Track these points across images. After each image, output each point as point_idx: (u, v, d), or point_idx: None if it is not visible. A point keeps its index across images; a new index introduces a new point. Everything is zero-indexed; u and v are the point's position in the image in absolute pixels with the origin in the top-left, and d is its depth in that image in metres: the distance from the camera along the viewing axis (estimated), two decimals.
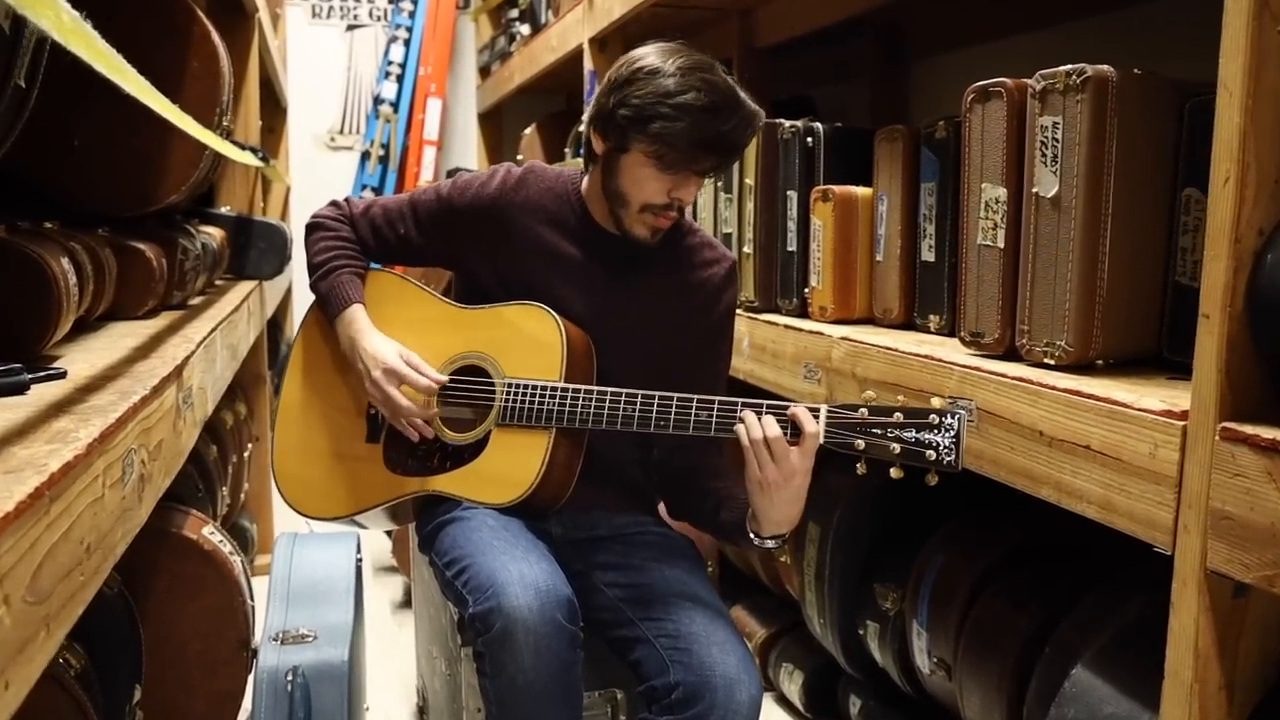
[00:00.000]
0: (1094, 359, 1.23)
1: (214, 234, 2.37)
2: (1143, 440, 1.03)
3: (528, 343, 1.39)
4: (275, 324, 4.30)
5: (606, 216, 1.43)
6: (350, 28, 5.13)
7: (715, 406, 1.26)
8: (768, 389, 1.90)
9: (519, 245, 1.46)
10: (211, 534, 1.54)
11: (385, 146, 4.91)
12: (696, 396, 1.28)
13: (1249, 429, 0.91)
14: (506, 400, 1.37)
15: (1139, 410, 1.03)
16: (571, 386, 1.35)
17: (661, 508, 1.60)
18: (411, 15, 4.95)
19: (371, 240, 1.55)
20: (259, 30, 2.80)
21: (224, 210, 2.68)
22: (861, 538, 1.84)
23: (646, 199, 1.36)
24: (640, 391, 1.31)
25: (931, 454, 1.19)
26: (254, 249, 2.67)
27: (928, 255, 1.61)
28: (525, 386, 1.37)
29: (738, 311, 2.02)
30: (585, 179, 1.47)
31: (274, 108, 4.93)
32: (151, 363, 1.32)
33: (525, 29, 4.18)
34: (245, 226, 2.65)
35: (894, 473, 1.21)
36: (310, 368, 1.53)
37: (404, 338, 1.47)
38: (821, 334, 1.69)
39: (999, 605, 1.50)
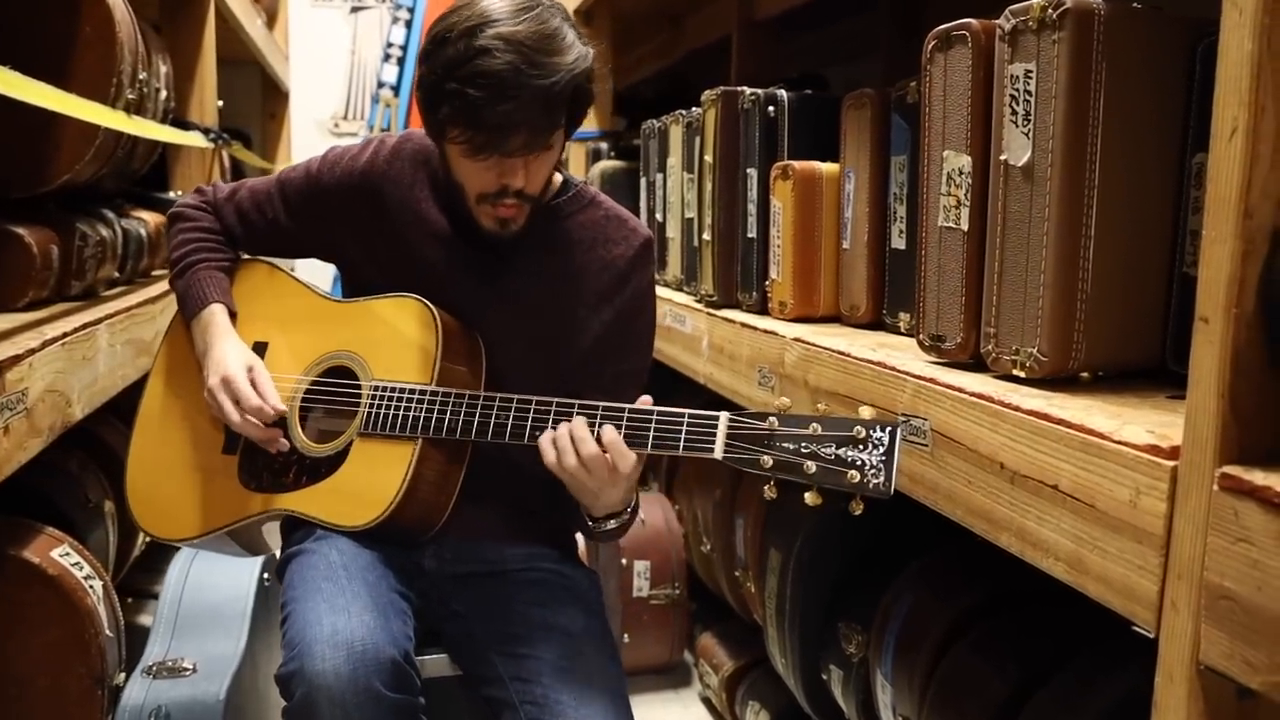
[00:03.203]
0: (1076, 371, 0.98)
1: (147, 219, 2.19)
2: (1122, 483, 0.78)
3: (400, 340, 1.19)
4: None
5: None
6: (354, 9, 4.96)
7: (599, 414, 1.04)
8: (725, 395, 1.67)
9: (394, 225, 1.25)
10: (63, 555, 1.35)
11: (385, 132, 4.74)
12: (578, 402, 1.06)
13: (1259, 477, 0.66)
14: (372, 406, 1.16)
15: (1118, 443, 0.78)
16: (441, 390, 1.13)
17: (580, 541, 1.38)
18: None
19: (238, 228, 1.35)
20: (215, 2, 2.63)
21: (171, 195, 2.51)
22: (827, 568, 1.60)
23: (476, 188, 1.16)
24: (517, 396, 1.09)
25: (855, 475, 0.96)
26: None
27: (898, 242, 1.36)
28: (392, 391, 1.16)
29: (697, 307, 1.80)
30: None
31: (275, 93, 4.79)
32: None
33: None
34: None
35: (809, 498, 0.98)
36: (172, 371, 1.34)
37: (271, 336, 1.27)
38: (775, 334, 1.45)
39: (970, 661, 1.25)
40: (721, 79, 2.94)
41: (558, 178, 1.30)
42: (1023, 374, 0.98)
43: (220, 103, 2.73)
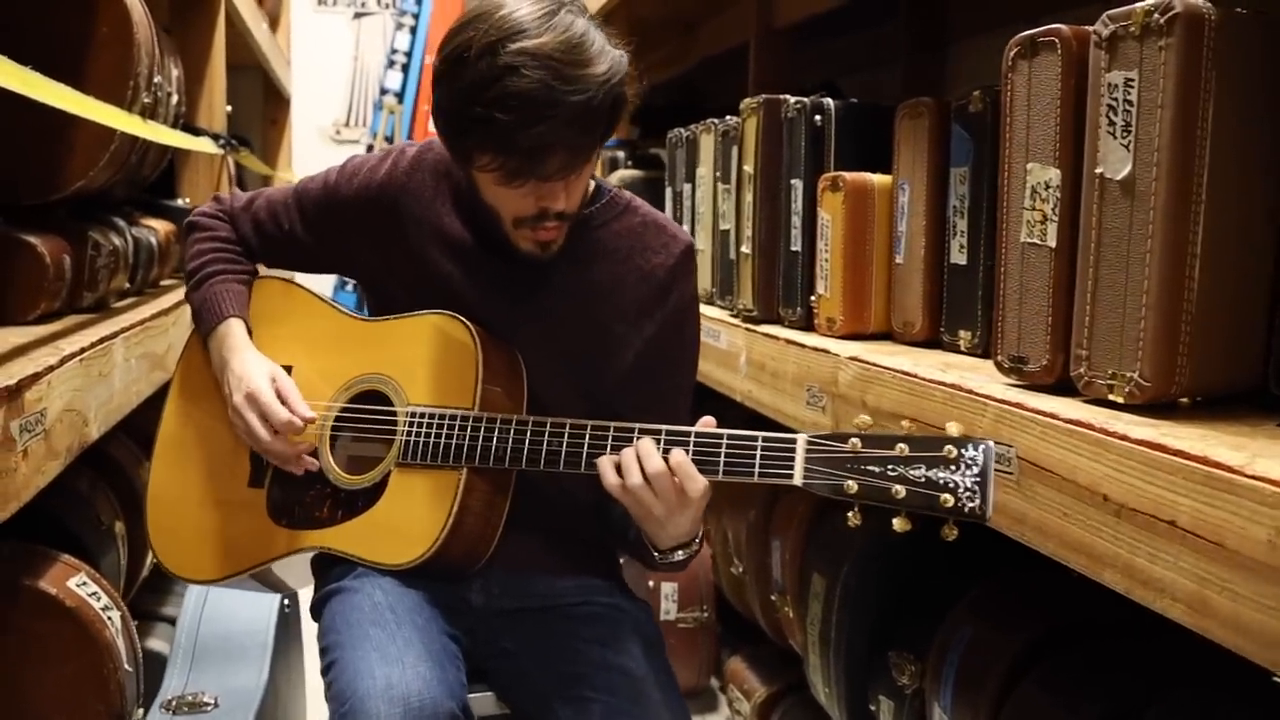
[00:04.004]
0: (1176, 396, 0.92)
1: (157, 228, 2.12)
2: (1258, 521, 0.72)
3: (438, 362, 1.12)
4: None
5: None
6: (357, 15, 4.91)
7: (663, 438, 0.98)
8: (767, 415, 1.61)
9: (414, 240, 1.18)
10: (80, 585, 1.28)
11: (389, 139, 4.68)
12: (639, 425, 1.00)
13: None
14: (409, 433, 1.10)
15: (1252, 478, 0.73)
16: (485, 415, 1.07)
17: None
18: (419, 1, 4.72)
19: (255, 239, 1.28)
20: (225, 4, 2.56)
21: (179, 202, 2.44)
22: (875, 596, 1.54)
23: (513, 213, 1.09)
24: (570, 421, 1.03)
25: (948, 498, 0.90)
26: None
27: (958, 257, 1.31)
28: (431, 416, 1.09)
29: (734, 323, 1.74)
30: None
31: (277, 99, 4.73)
32: None
33: None
34: None
35: (898, 524, 0.93)
36: (190, 396, 1.27)
37: (296, 358, 1.20)
38: (826, 352, 1.39)
39: (1043, 699, 1.19)
40: (735, 87, 2.89)
41: (590, 183, 1.24)
42: (1120, 399, 0.93)
43: (229, 108, 2.66)
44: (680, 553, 1.07)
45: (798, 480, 0.94)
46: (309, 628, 1.93)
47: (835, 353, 1.37)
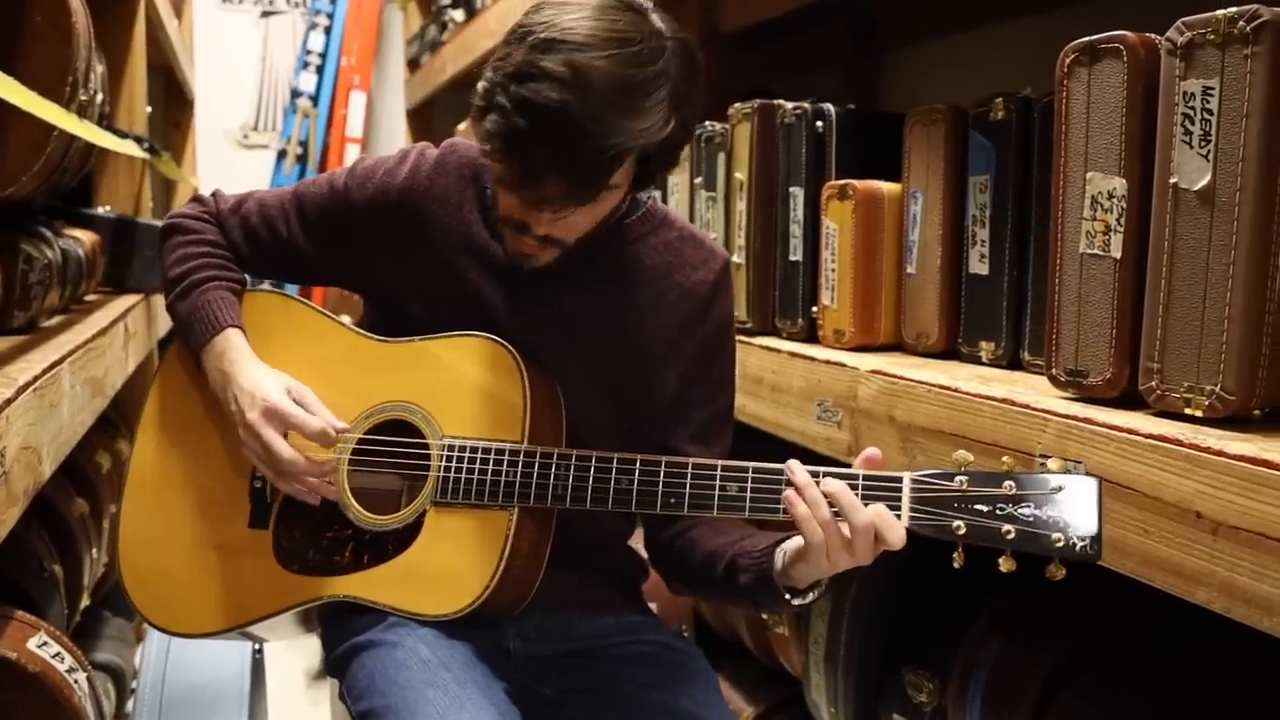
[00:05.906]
0: (1253, 408, 0.91)
1: (83, 239, 1.94)
2: None
3: (476, 390, 1.02)
4: None
5: None
6: (265, 14, 4.67)
7: (749, 477, 0.92)
8: (767, 430, 1.56)
9: (439, 251, 1.09)
10: (41, 646, 1.13)
11: (304, 144, 4.47)
12: (721, 464, 0.93)
13: None
14: (447, 469, 1.00)
15: None
16: (540, 450, 0.98)
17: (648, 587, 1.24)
18: (333, 1, 4.52)
19: (245, 246, 1.16)
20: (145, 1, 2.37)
21: (100, 210, 2.24)
22: (885, 614, 1.51)
23: (502, 209, 1.01)
24: (639, 457, 0.95)
25: (1058, 538, 0.87)
26: (138, 257, 2.24)
27: (979, 267, 1.29)
28: (474, 450, 1.00)
29: None
30: None
31: (180, 101, 4.45)
32: None
33: (459, 15, 3.80)
34: (127, 230, 2.21)
35: (1004, 564, 0.89)
36: (171, 424, 1.13)
37: (302, 382, 1.08)
38: (843, 365, 1.35)
39: (1084, 713, 1.17)
40: None
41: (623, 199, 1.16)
42: (1199, 413, 0.91)
43: (149, 109, 2.47)
44: (813, 593, 1.00)
45: (904, 522, 0.89)
46: (273, 677, 1.78)
47: (853, 366, 1.33)
